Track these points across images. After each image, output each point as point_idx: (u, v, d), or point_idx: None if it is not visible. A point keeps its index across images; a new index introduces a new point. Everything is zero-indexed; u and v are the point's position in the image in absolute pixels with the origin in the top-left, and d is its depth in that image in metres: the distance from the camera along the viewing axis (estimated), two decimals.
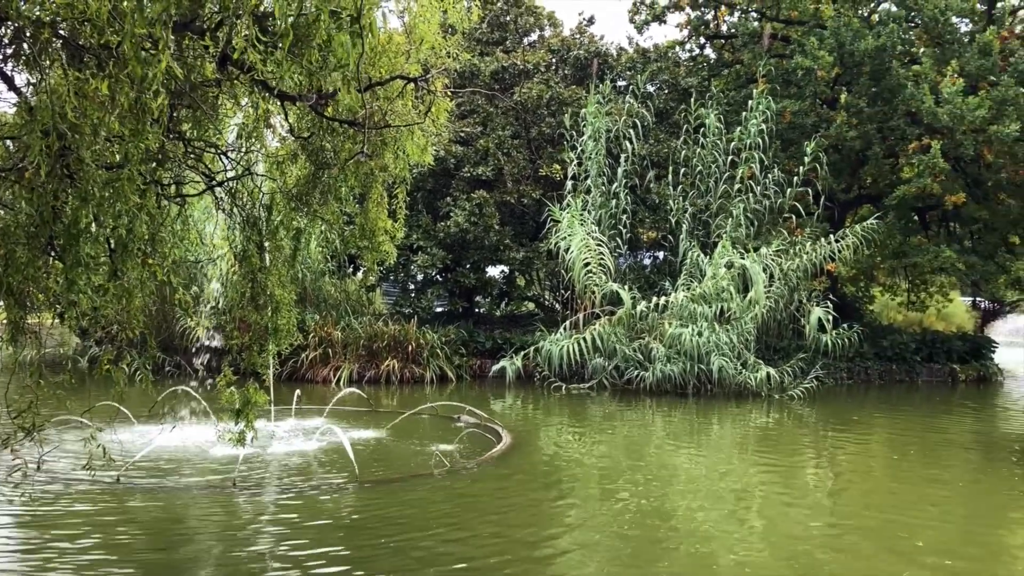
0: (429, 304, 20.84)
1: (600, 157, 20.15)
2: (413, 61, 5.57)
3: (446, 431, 11.64)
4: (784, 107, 20.56)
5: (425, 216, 20.64)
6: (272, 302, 6.46)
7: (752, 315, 17.35)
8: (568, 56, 22.67)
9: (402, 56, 5.54)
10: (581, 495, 8.61)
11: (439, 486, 8.64)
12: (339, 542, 6.71)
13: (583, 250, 18.34)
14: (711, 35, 25.16)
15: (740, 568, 6.26)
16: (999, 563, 6.71)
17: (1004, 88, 18.79)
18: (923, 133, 19.80)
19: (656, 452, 11.36)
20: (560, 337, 17.84)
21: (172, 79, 3.99)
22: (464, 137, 20.92)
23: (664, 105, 22.66)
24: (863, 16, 21.84)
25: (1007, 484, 9.55)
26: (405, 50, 5.57)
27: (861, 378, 20.38)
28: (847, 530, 7.47)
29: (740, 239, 19.09)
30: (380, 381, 17.58)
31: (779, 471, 10.16)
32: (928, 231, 23.26)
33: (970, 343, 23.02)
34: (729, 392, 16.69)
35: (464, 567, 6.15)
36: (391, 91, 5.73)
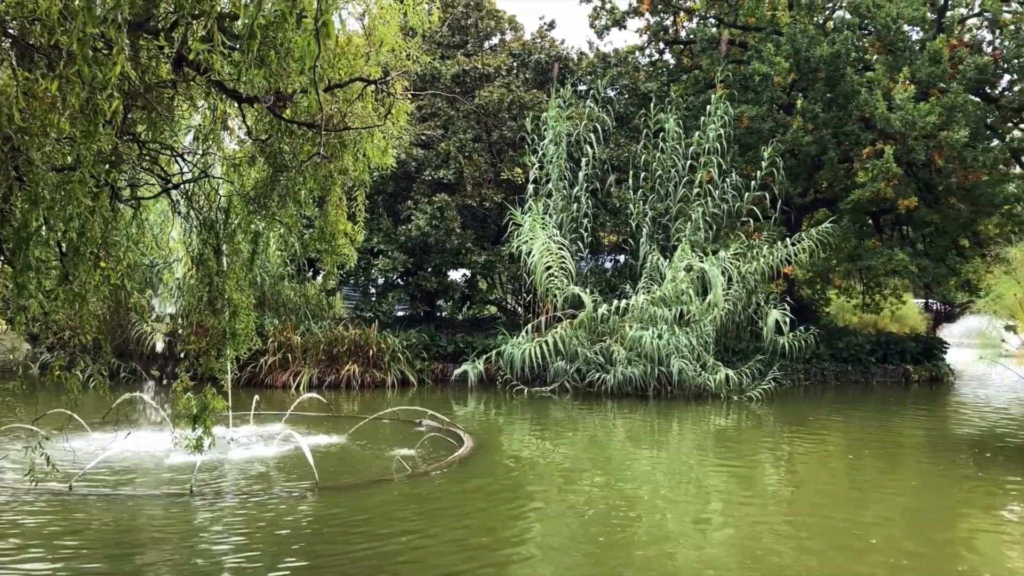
0: (390, 308, 20.74)
1: (561, 161, 20.23)
2: (373, 63, 5.54)
3: (407, 436, 11.58)
4: (742, 112, 20.85)
5: (386, 219, 20.53)
6: (230, 306, 6.37)
7: (711, 317, 17.55)
8: (529, 60, 22.75)
9: (362, 58, 5.51)
10: (543, 497, 8.62)
11: (400, 491, 8.59)
12: (298, 550, 6.64)
13: (545, 254, 18.39)
14: (670, 40, 25.42)
15: (700, 566, 6.32)
16: (947, 559, 6.86)
17: (953, 95, 19.27)
18: (876, 138, 20.21)
19: (617, 454, 11.43)
20: (522, 340, 17.87)
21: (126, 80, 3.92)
22: (425, 140, 20.86)
23: (624, 109, 22.84)
24: (818, 23, 22.24)
25: (957, 483, 9.77)
26: (365, 52, 5.54)
27: (818, 379, 20.72)
28: (803, 528, 7.58)
29: (699, 242, 19.30)
30: (341, 386, 17.44)
31: (738, 471, 10.28)
32: (882, 234, 23.75)
33: (923, 344, 23.52)
34: (689, 394, 16.85)
35: (426, 572, 6.12)
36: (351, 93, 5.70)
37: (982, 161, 20.06)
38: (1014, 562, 6.79)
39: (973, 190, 21.06)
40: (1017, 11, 21.76)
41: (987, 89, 21.82)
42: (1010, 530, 7.95)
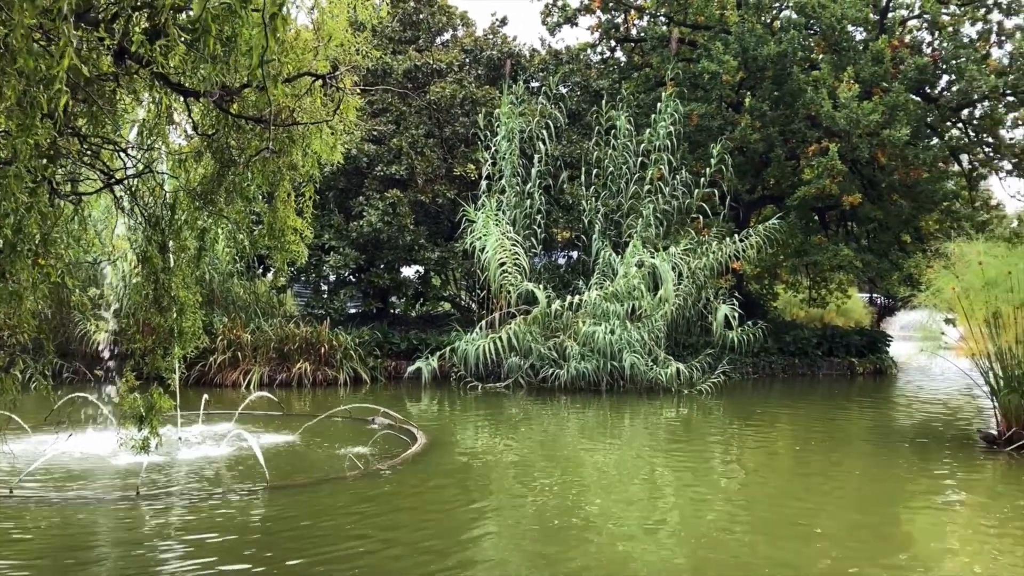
0: (342, 305, 20.56)
1: (514, 157, 20.27)
2: (322, 58, 5.48)
3: (360, 434, 11.51)
4: (691, 110, 21.12)
5: (337, 216, 20.34)
6: (176, 304, 6.26)
7: (662, 313, 17.76)
8: (481, 56, 22.73)
9: (310, 53, 5.45)
10: (497, 493, 8.64)
11: (352, 489, 8.53)
12: (248, 550, 6.56)
13: (498, 250, 18.41)
14: (621, 38, 25.63)
15: (653, 558, 6.40)
16: (889, 544, 7.06)
17: (895, 94, 19.76)
18: (822, 136, 20.65)
19: (571, 449, 11.50)
20: (476, 337, 17.87)
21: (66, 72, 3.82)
22: (377, 136, 20.72)
23: (576, 106, 22.96)
24: (766, 23, 22.62)
25: (899, 473, 10.04)
26: (313, 47, 5.48)
27: (766, 372, 21.12)
28: (753, 518, 7.73)
29: (650, 239, 19.51)
30: (292, 384, 17.25)
31: (689, 464, 10.43)
32: (827, 230, 24.28)
33: (867, 337, 24.13)
34: (641, 388, 17.04)
35: (378, 570, 6.09)
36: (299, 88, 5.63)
37: (923, 159, 20.63)
38: (952, 545, 7.01)
39: (914, 187, 21.65)
40: (955, 14, 22.41)
41: (927, 89, 22.43)
42: (949, 516, 8.20)
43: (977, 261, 11.37)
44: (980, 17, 22.27)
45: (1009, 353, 11.08)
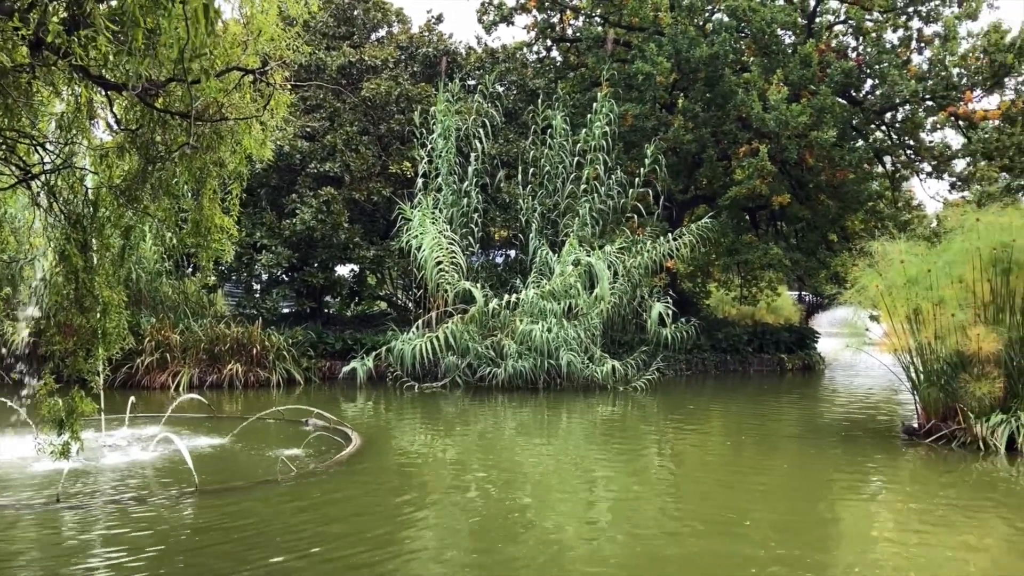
0: (275, 305, 20.17)
1: (450, 155, 20.19)
2: (251, 53, 5.35)
3: (293, 436, 11.31)
4: (626, 110, 21.35)
5: (269, 213, 19.95)
6: (100, 304, 6.03)
7: (598, 311, 17.92)
8: (417, 53, 22.57)
9: (239, 47, 5.32)
10: (433, 493, 8.59)
11: (284, 492, 8.38)
12: (177, 559, 6.38)
13: (435, 248, 18.31)
14: (557, 38, 25.76)
15: (590, 554, 6.44)
16: (817, 535, 7.25)
17: (822, 97, 20.32)
18: (752, 137, 21.10)
19: (508, 447, 11.51)
20: (413, 336, 17.74)
21: None
22: (310, 132, 20.39)
23: (513, 105, 22.99)
24: (698, 25, 23.00)
25: (827, 465, 10.34)
26: (242, 41, 5.34)
27: (699, 369, 21.50)
28: (686, 513, 7.85)
29: (586, 238, 19.67)
30: (223, 386, 16.86)
31: (624, 460, 10.54)
32: (758, 230, 24.86)
33: (796, 334, 24.77)
34: (577, 385, 17.17)
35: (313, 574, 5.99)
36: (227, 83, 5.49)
37: (848, 160, 21.28)
38: (877, 533, 7.24)
39: (841, 188, 22.32)
40: (878, 20, 23.15)
41: (852, 92, 23.12)
42: (874, 506, 8.47)
43: (899, 260, 11.76)
44: (901, 24, 23.05)
45: (929, 348, 11.50)
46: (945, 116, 23.03)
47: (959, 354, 11.02)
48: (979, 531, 7.28)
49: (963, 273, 11.34)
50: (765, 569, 6.09)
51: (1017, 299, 11.12)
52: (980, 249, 11.17)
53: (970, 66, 22.11)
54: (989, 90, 22.91)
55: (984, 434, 10.48)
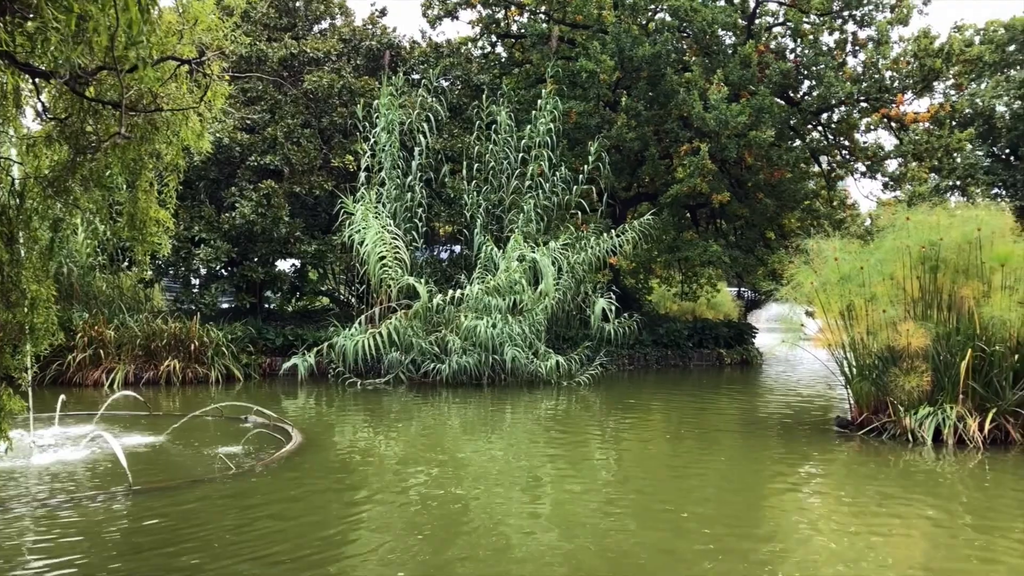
0: (213, 300, 19.77)
1: (394, 149, 20.05)
2: (187, 42, 5.22)
3: (232, 433, 11.12)
4: (570, 107, 21.48)
5: (208, 207, 19.54)
6: (26, 298, 5.83)
7: (543, 306, 18.01)
8: (360, 46, 22.34)
9: (174, 36, 5.18)
10: (375, 490, 8.53)
11: (223, 490, 8.23)
12: (107, 558, 6.21)
13: (378, 243, 18.17)
14: (502, 34, 25.77)
15: (532, 547, 6.48)
16: (753, 526, 7.42)
17: (761, 97, 20.74)
18: (693, 136, 21.43)
19: (451, 442, 11.50)
20: (355, 332, 17.58)
21: None
22: (250, 124, 20.03)
23: (457, 100, 22.93)
24: (642, 24, 23.26)
25: (763, 457, 10.57)
26: (178, 30, 5.21)
27: (640, 364, 21.78)
28: (626, 506, 7.95)
29: (531, 234, 19.74)
30: (160, 383, 16.49)
31: (567, 454, 10.62)
32: (698, 227, 25.29)
33: (735, 330, 25.27)
34: (521, 381, 17.23)
35: (246, 572, 5.90)
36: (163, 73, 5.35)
37: (786, 160, 21.77)
38: (811, 523, 7.43)
39: (778, 186, 22.84)
40: (815, 23, 23.72)
41: (790, 93, 23.67)
42: (808, 498, 8.69)
43: (833, 257, 12.08)
44: (837, 27, 23.66)
45: (861, 344, 11.84)
46: (878, 118, 23.75)
47: (890, 349, 11.36)
48: (906, 520, 7.53)
49: (894, 271, 11.70)
50: (702, 559, 6.21)
51: (944, 296, 11.52)
52: (910, 247, 11.54)
53: (901, 70, 22.82)
54: (919, 93, 23.70)
55: (912, 426, 10.83)
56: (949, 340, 11.10)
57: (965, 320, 11.09)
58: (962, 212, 12.39)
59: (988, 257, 11.12)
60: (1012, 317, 10.62)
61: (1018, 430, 10.60)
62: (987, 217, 11.45)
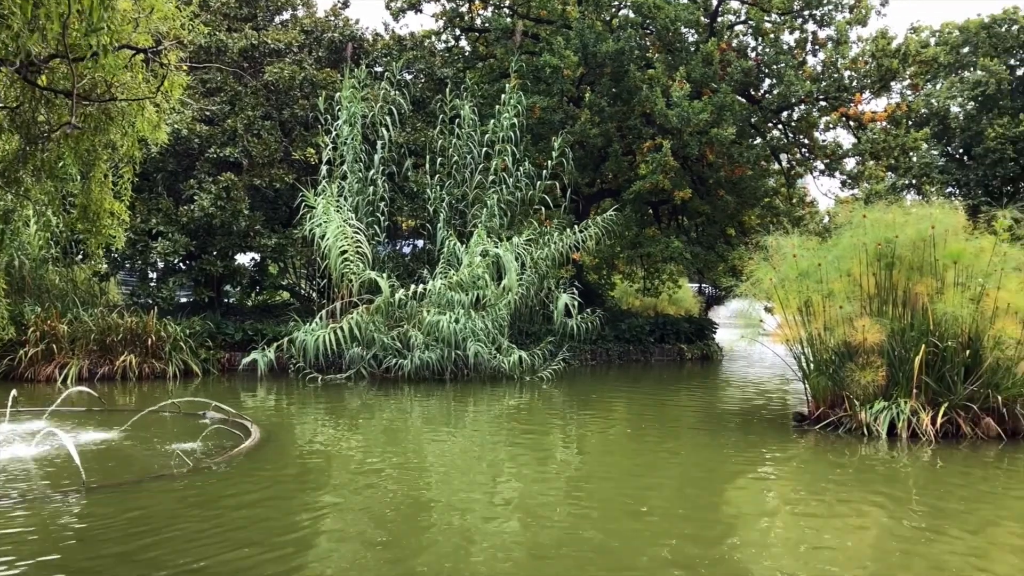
0: (171, 294, 19.44)
1: (356, 143, 19.88)
2: (143, 31, 5.11)
3: (190, 429, 10.94)
4: (534, 102, 21.49)
5: (166, 199, 19.20)
6: None
7: (506, 302, 18.01)
8: (322, 38, 22.10)
9: (130, 24, 5.07)
10: (336, 485, 8.46)
11: (179, 487, 8.09)
12: (58, 557, 6.08)
13: (340, 237, 18.01)
14: (466, 28, 25.68)
15: (495, 540, 6.47)
16: (711, 518, 7.50)
17: (723, 95, 20.95)
18: (656, 133, 21.58)
19: (414, 438, 11.45)
20: (316, 327, 17.42)
21: None
22: (210, 116, 19.71)
23: (421, 94, 22.80)
24: (605, 20, 23.34)
25: (722, 451, 10.69)
26: (133, 18, 5.10)
27: (603, 359, 21.90)
28: (589, 499, 7.99)
29: (494, 229, 19.72)
30: (116, 378, 16.17)
31: (530, 449, 10.64)
32: (660, 223, 25.47)
33: (695, 325, 25.54)
34: (484, 376, 17.22)
35: (205, 571, 5.81)
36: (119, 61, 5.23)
37: (747, 157, 22.01)
38: (767, 516, 7.54)
39: (739, 184, 23.09)
40: (776, 22, 24.01)
41: (751, 91, 23.94)
42: (766, 490, 8.81)
43: (792, 254, 12.25)
44: (797, 27, 23.99)
45: (818, 339, 12.02)
46: (837, 116, 24.12)
47: (846, 344, 11.56)
48: (861, 512, 7.67)
49: (851, 267, 11.90)
50: (662, 550, 6.26)
51: (899, 292, 11.74)
52: (867, 245, 11.74)
53: (860, 70, 23.20)
54: (877, 93, 24.13)
55: (868, 420, 11.03)
56: (903, 336, 11.32)
57: (919, 316, 11.33)
58: (917, 210, 12.63)
59: (941, 255, 11.36)
60: (964, 313, 10.87)
61: (968, 424, 10.85)
62: (941, 215, 11.69)
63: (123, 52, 5.21)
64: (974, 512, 7.64)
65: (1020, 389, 11.05)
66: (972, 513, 7.62)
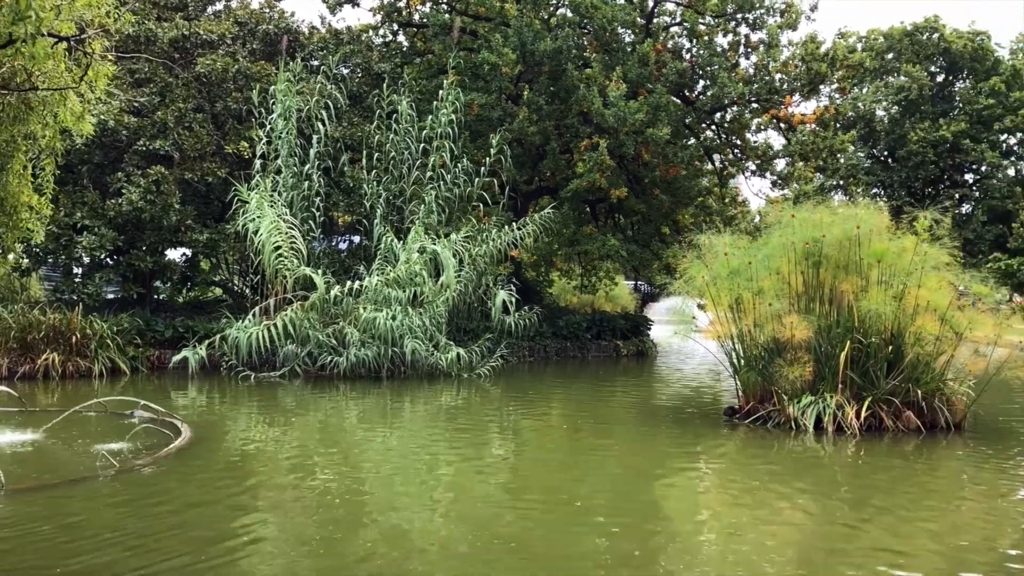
0: (97, 290, 18.82)
1: (291, 137, 19.57)
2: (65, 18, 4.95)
3: (117, 429, 10.63)
4: (472, 99, 21.46)
5: (92, 193, 18.58)
6: None
7: (444, 299, 17.95)
8: (257, 30, 21.67)
9: (52, 11, 4.90)
10: (271, 485, 8.33)
11: (105, 489, 7.87)
12: None
13: (274, 233, 17.70)
14: (404, 23, 25.51)
15: (432, 542, 6.46)
16: (646, 513, 7.63)
17: (658, 95, 21.25)
18: (593, 132, 21.77)
19: (349, 436, 11.35)
20: (249, 324, 17.10)
21: None
22: (139, 108, 19.15)
23: (358, 89, 22.55)
24: (544, 19, 23.44)
25: (656, 445, 10.88)
26: (55, 5, 4.93)
27: (540, 355, 22.03)
28: (527, 496, 8.04)
29: (432, 225, 19.64)
30: (37, 377, 15.60)
31: (467, 446, 10.64)
32: (597, 221, 25.73)
33: (631, 322, 25.88)
34: (422, 373, 17.15)
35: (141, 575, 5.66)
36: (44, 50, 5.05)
37: (681, 157, 22.38)
38: (698, 507, 7.70)
39: (673, 183, 23.47)
40: (710, 24, 24.45)
41: (685, 92, 24.34)
42: (697, 483, 8.99)
43: (724, 252, 12.51)
44: (731, 29, 24.48)
45: (748, 335, 12.31)
46: (768, 118, 24.72)
47: (775, 341, 11.86)
48: (790, 501, 7.90)
49: (780, 265, 12.21)
50: (597, 544, 6.34)
51: (826, 290, 12.10)
52: (795, 244, 12.06)
53: (790, 73, 23.80)
54: (807, 96, 24.79)
55: (796, 415, 11.34)
56: (830, 332, 11.66)
57: (845, 313, 11.69)
58: (843, 211, 13.01)
59: (866, 254, 11.74)
60: (886, 311, 11.25)
61: (890, 417, 11.24)
62: (866, 216, 12.08)
63: (46, 40, 5.03)
64: (894, 503, 7.94)
65: (938, 383, 11.50)
66: (893, 503, 7.90)
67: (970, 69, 47.53)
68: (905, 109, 48.08)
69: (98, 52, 5.21)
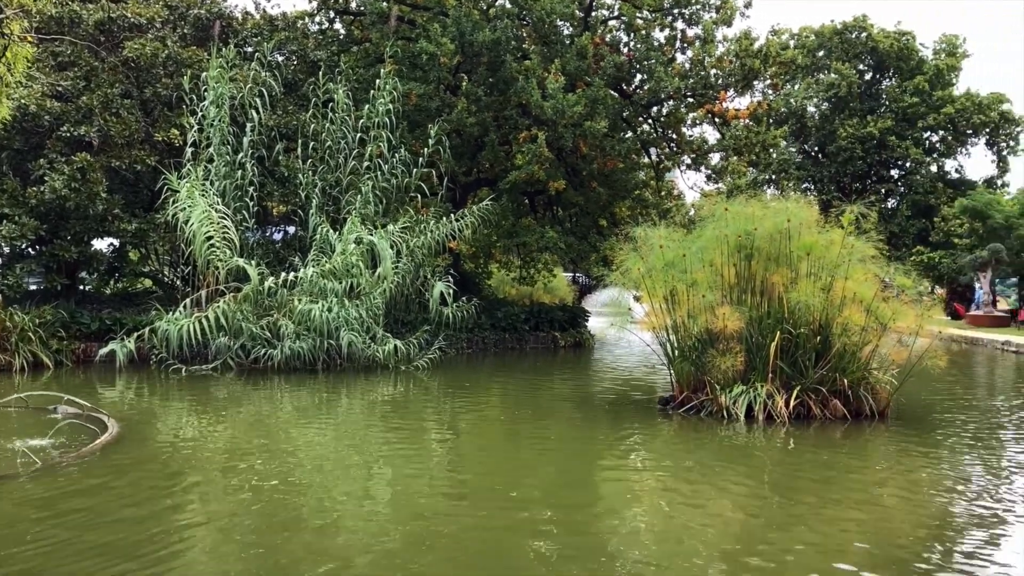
0: (18, 281, 18.11)
1: (224, 125, 19.12)
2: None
3: (38, 424, 10.27)
4: (410, 89, 21.28)
5: (12, 180, 17.86)
6: None
7: (381, 290, 17.80)
8: (188, 14, 21.09)
9: None
10: (202, 482, 8.14)
11: (26, 488, 7.59)
12: None
13: (205, 223, 17.28)
14: (340, 10, 25.14)
15: (365, 531, 6.41)
16: (581, 502, 7.70)
17: (596, 88, 21.40)
18: (531, 124, 21.83)
19: (284, 430, 11.17)
20: (180, 316, 16.68)
21: None
22: (62, 92, 18.45)
23: (293, 76, 22.15)
24: (482, 9, 23.36)
25: (592, 435, 10.99)
26: None
27: (479, 347, 22.03)
28: (464, 489, 8.04)
29: (369, 216, 19.43)
30: None
31: (404, 439, 10.58)
32: (536, 214, 25.83)
33: (569, 313, 26.06)
34: (359, 366, 16.99)
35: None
36: None
37: (618, 150, 22.60)
38: (633, 496, 7.82)
39: (611, 176, 23.70)
40: (647, 18, 24.71)
41: (623, 86, 24.56)
42: (632, 472, 9.12)
43: (659, 245, 12.68)
44: (667, 24, 24.78)
45: (682, 326, 12.51)
46: (703, 113, 25.11)
47: (708, 331, 12.07)
48: (721, 488, 8.07)
49: (713, 258, 12.44)
50: (533, 535, 6.38)
51: (757, 282, 12.37)
52: (728, 236, 12.30)
53: (725, 68, 24.20)
54: (740, 91, 25.25)
55: (727, 404, 11.59)
56: (761, 323, 11.93)
57: (775, 304, 11.97)
58: (775, 204, 13.29)
59: (796, 246, 12.04)
60: (815, 302, 11.57)
61: (818, 406, 11.57)
62: (796, 209, 12.38)
63: None
64: (821, 488, 8.18)
65: (863, 373, 11.88)
66: (820, 489, 8.14)
67: (896, 68, 49.15)
68: (835, 106, 49.47)
69: (16, 33, 5.00)
